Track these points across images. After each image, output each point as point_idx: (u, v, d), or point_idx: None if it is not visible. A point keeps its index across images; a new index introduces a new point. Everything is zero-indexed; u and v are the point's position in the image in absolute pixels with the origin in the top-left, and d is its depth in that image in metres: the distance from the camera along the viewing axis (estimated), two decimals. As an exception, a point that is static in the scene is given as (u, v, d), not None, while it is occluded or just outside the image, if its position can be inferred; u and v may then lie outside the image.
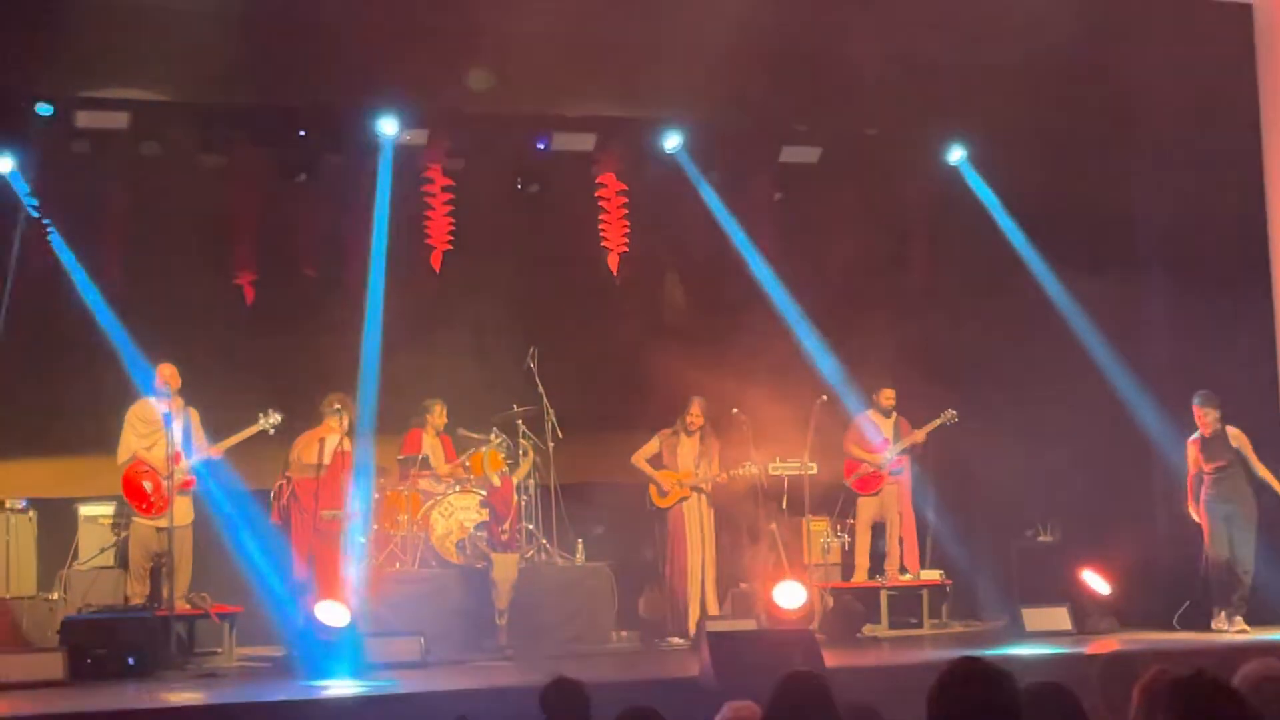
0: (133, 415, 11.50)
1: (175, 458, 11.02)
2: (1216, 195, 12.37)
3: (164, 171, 12.36)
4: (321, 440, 11.54)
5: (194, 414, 11.38)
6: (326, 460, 11.44)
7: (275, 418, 11.50)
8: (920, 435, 13.01)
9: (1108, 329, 12.85)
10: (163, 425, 11.23)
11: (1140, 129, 12.72)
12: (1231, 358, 12.00)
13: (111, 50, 10.90)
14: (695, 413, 12.43)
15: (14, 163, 11.76)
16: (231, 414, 11.61)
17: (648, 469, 12.50)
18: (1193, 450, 11.88)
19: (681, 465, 12.44)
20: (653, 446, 12.55)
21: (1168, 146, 12.64)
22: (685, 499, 12.38)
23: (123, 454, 11.42)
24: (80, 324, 12.10)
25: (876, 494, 13.10)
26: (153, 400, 11.46)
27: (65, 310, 12.04)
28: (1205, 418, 11.73)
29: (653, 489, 12.47)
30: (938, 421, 12.98)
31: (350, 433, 11.73)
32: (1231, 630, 11.47)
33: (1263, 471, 11.68)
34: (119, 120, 11.88)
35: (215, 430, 11.54)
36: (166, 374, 11.39)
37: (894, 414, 13.18)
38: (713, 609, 12.25)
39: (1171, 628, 11.81)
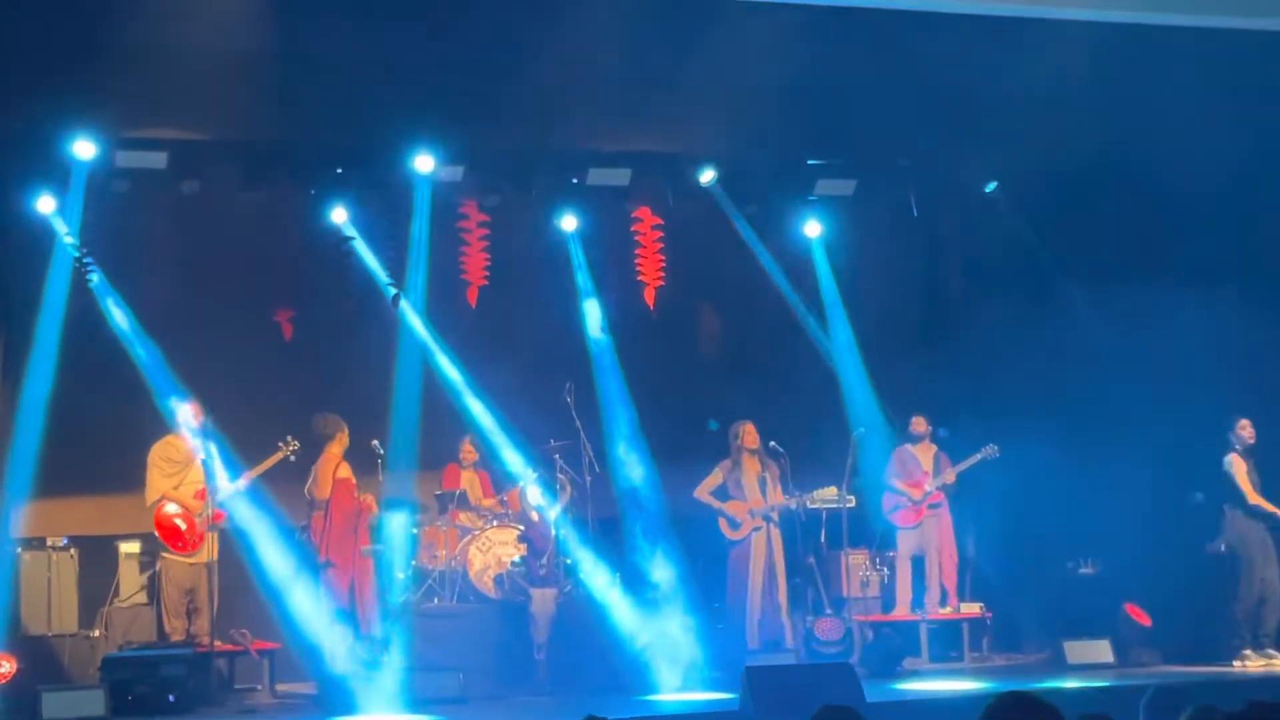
0: (156, 455, 11.55)
1: (199, 494, 11.08)
2: (1250, 215, 12.31)
3: (203, 210, 12.44)
4: (331, 469, 11.58)
5: (213, 449, 11.43)
6: (327, 494, 11.46)
7: (295, 444, 11.56)
8: (952, 475, 12.94)
9: (1149, 356, 12.79)
10: (189, 462, 11.31)
11: (1176, 154, 12.67)
12: (1268, 381, 11.94)
13: (150, 90, 10.97)
14: (750, 433, 12.37)
15: (56, 203, 11.86)
16: (271, 450, 11.65)
17: (715, 502, 12.43)
18: (1239, 462, 11.78)
19: (749, 493, 12.38)
20: (716, 478, 12.48)
21: (1203, 168, 12.58)
22: (758, 529, 12.32)
23: (151, 494, 11.48)
24: (120, 362, 12.17)
25: (916, 527, 13.03)
26: (175, 438, 11.51)
27: (105, 348, 12.11)
28: (1249, 429, 11.67)
29: (722, 522, 12.41)
30: (977, 457, 12.90)
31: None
32: (1269, 662, 11.36)
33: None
34: (158, 160, 11.94)
35: (251, 465, 11.58)
36: (188, 411, 11.44)
37: (930, 443, 13.10)
38: (788, 639, 12.13)
39: (1213, 660, 11.70)
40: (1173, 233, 13.00)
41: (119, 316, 12.07)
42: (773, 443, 12.39)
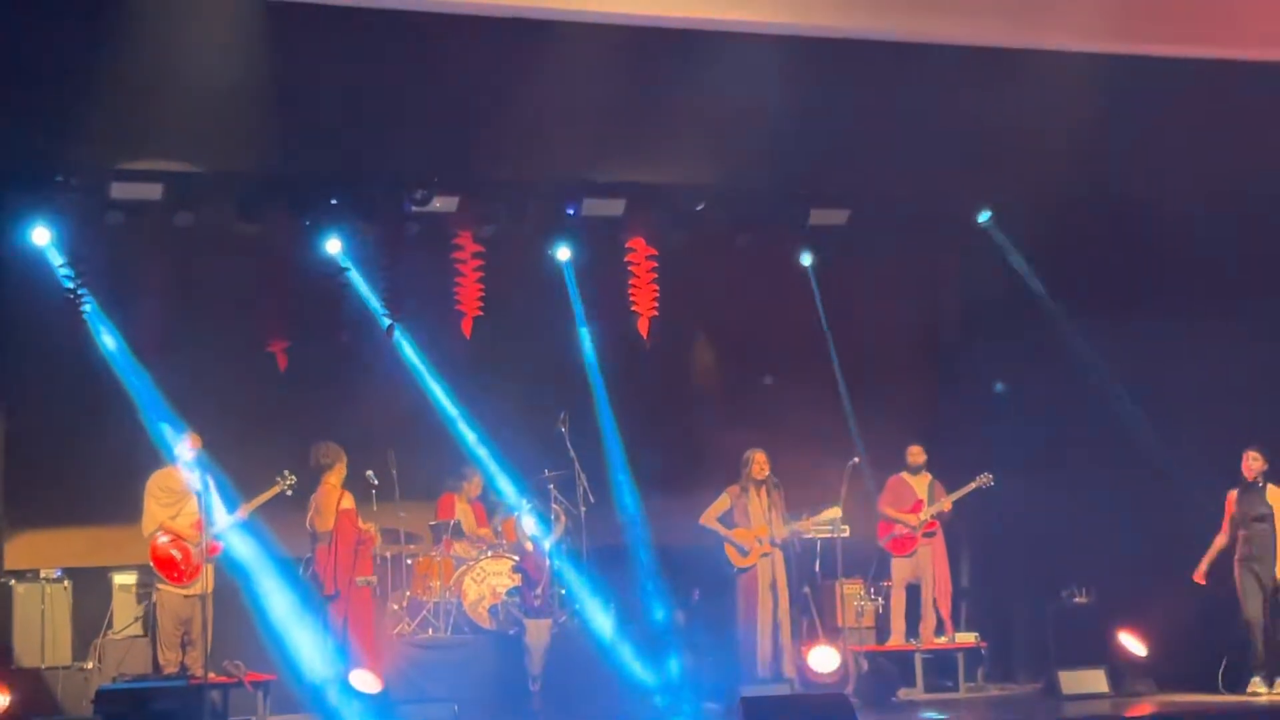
0: (154, 485, 11.53)
1: (196, 525, 11.08)
2: (1246, 246, 12.34)
3: (197, 241, 12.48)
4: (332, 500, 11.60)
5: (209, 480, 11.41)
6: (329, 526, 11.51)
7: (292, 479, 11.56)
8: (947, 504, 12.96)
9: (1142, 386, 12.82)
10: (185, 494, 11.31)
11: (1172, 186, 12.71)
12: (1264, 408, 11.94)
13: (144, 122, 10.99)
14: (761, 463, 12.37)
15: (51, 235, 11.87)
16: (267, 482, 11.65)
17: (721, 529, 12.40)
18: (1230, 501, 11.78)
19: (754, 521, 12.37)
20: (723, 504, 12.45)
21: (1201, 202, 12.62)
22: (766, 555, 12.32)
23: (148, 525, 11.46)
24: (113, 393, 12.18)
25: (911, 555, 13.04)
26: (173, 469, 11.51)
27: (98, 379, 12.12)
28: (1253, 463, 11.64)
29: (730, 549, 12.38)
30: (973, 485, 12.93)
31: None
32: (1271, 692, 11.35)
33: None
34: (153, 191, 11.96)
35: (247, 497, 11.58)
36: (186, 442, 11.45)
37: (926, 473, 13.13)
38: (789, 669, 12.12)
39: (1209, 689, 11.69)
40: (1166, 263, 13.04)
41: (113, 346, 12.08)
42: (770, 474, 12.39)
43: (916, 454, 13.16)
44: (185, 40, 10.42)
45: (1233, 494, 11.78)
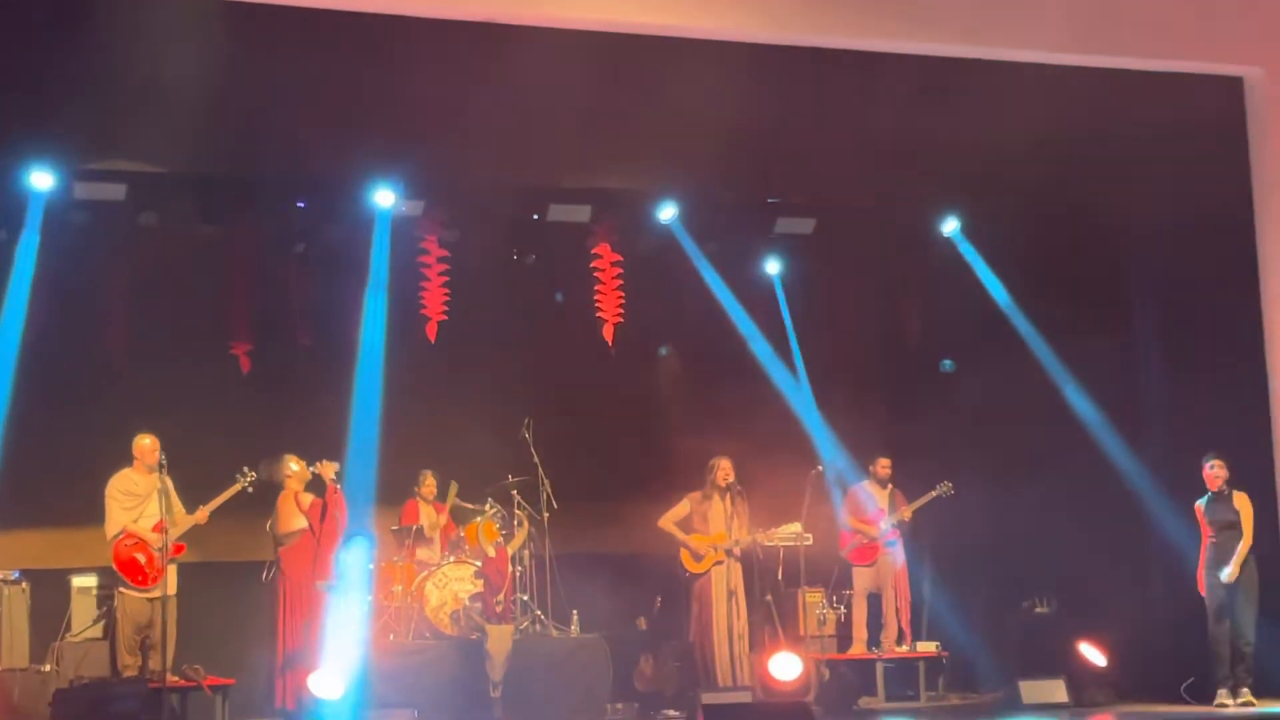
0: (115, 488, 11.46)
1: (157, 528, 11.01)
2: (1210, 260, 12.42)
3: (162, 242, 12.42)
4: (294, 503, 11.55)
5: (169, 482, 11.35)
6: (290, 528, 11.47)
7: (253, 475, 11.53)
8: (907, 512, 12.98)
9: (1103, 397, 12.88)
10: (147, 496, 11.25)
11: (1134, 197, 12.79)
12: (1227, 420, 11.99)
13: (109, 122, 10.95)
14: (725, 470, 12.35)
15: (11, 234, 11.80)
16: (227, 482, 11.60)
17: (678, 533, 12.39)
18: (1199, 511, 11.80)
19: (713, 528, 12.35)
20: (683, 509, 12.44)
21: (1161, 213, 12.71)
22: (720, 563, 12.31)
23: (111, 528, 11.39)
24: (74, 393, 12.11)
25: (872, 565, 13.05)
26: (133, 470, 11.45)
27: (59, 379, 12.05)
28: (1218, 472, 11.66)
29: (684, 554, 12.37)
30: (932, 494, 12.97)
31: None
32: (1236, 704, 11.38)
33: (1245, 543, 11.60)
34: (117, 192, 11.92)
35: (208, 499, 11.53)
36: (145, 445, 11.39)
37: (890, 485, 13.16)
38: (744, 677, 12.10)
39: (1170, 699, 11.73)
40: (1132, 273, 13.12)
41: (74, 348, 12.01)
42: (734, 481, 12.38)
43: (884, 466, 13.16)
44: (150, 41, 10.41)
45: (1199, 505, 11.80)
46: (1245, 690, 11.45)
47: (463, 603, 12.13)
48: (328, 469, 11.47)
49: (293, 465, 11.69)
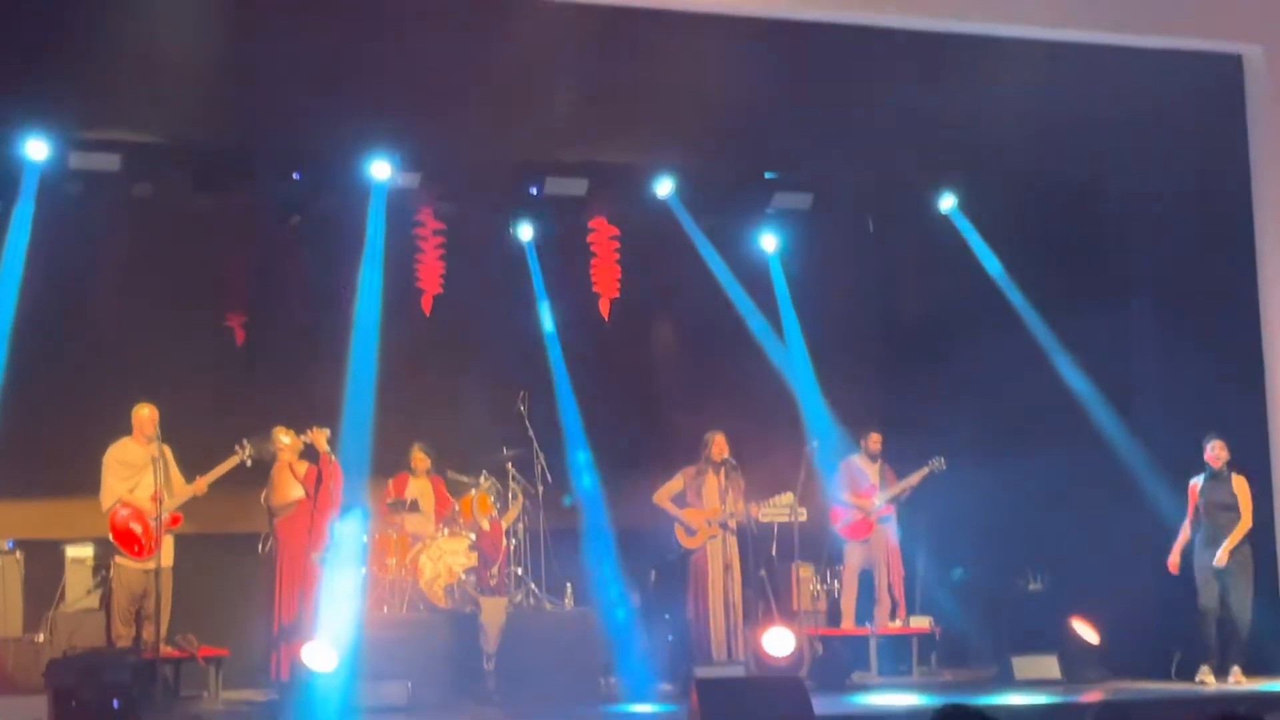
0: (111, 458, 11.45)
1: (153, 498, 11.01)
2: (1206, 237, 12.41)
3: (156, 213, 12.39)
4: (289, 473, 11.54)
5: (168, 452, 11.33)
6: (286, 499, 11.48)
7: (250, 449, 11.51)
8: (914, 480, 12.97)
9: (1098, 374, 12.88)
10: (144, 466, 11.23)
11: (1131, 174, 12.78)
12: (1221, 395, 12.00)
13: (104, 92, 10.92)
14: (720, 445, 12.35)
15: (6, 204, 11.77)
16: (222, 455, 11.59)
17: (672, 508, 12.39)
18: (1193, 490, 11.79)
19: (707, 502, 12.34)
20: (677, 484, 12.43)
21: (1158, 191, 12.70)
22: (714, 537, 12.32)
23: (107, 498, 11.38)
24: (70, 363, 12.10)
25: (865, 541, 13.04)
26: (130, 441, 11.44)
27: (54, 349, 12.04)
28: (1220, 452, 11.65)
29: (678, 529, 12.38)
30: (925, 470, 12.96)
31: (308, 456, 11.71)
32: (1228, 682, 11.39)
33: (1243, 526, 11.61)
34: (111, 162, 11.87)
35: (203, 471, 11.52)
36: (143, 415, 11.38)
37: (880, 460, 13.15)
38: (740, 652, 12.09)
39: (1162, 677, 11.75)
40: (1130, 250, 13.10)
41: (69, 318, 11.99)
42: (728, 457, 12.38)
43: (876, 442, 13.15)
44: (145, 10, 10.36)
45: (1195, 483, 11.79)
46: (1236, 669, 11.46)
47: (457, 576, 12.14)
48: (320, 436, 11.47)
49: (284, 438, 11.68)
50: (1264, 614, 11.71)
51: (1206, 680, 11.41)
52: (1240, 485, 11.66)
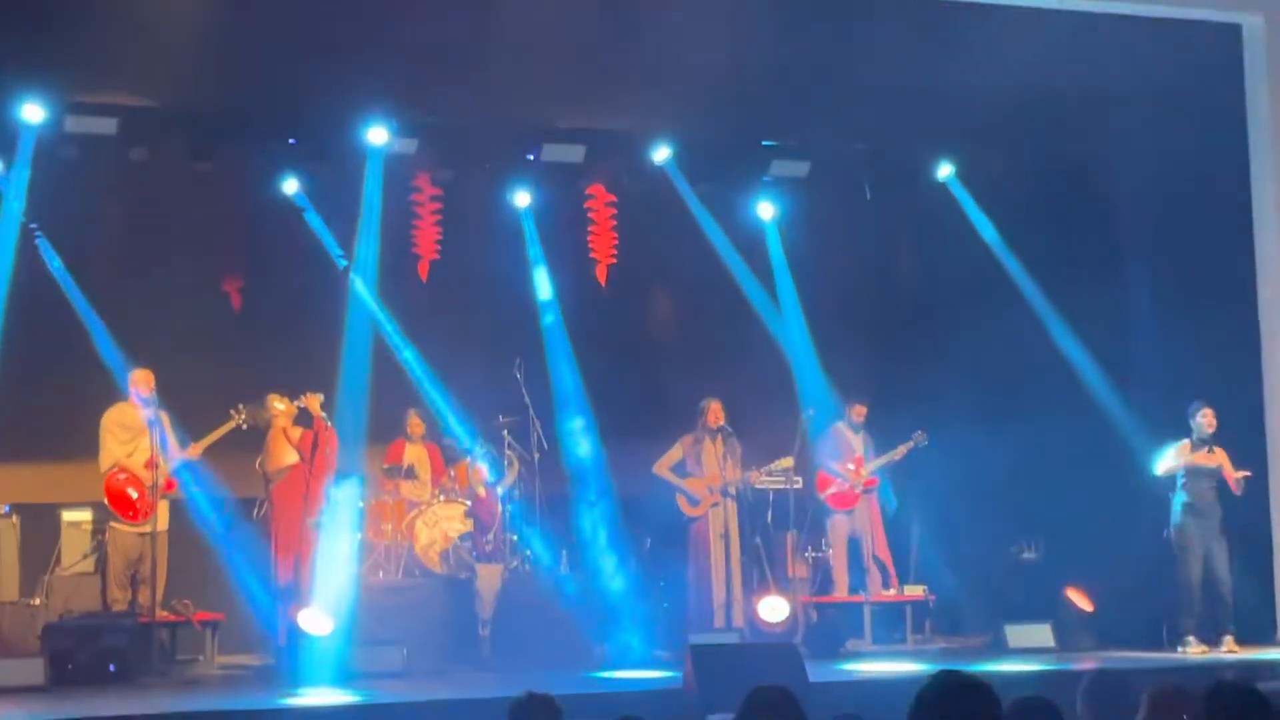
0: (110, 421, 11.44)
1: (149, 463, 11.01)
2: (1202, 205, 12.40)
3: (152, 178, 12.35)
4: (283, 439, 11.56)
5: (165, 417, 11.33)
6: (280, 465, 11.51)
7: (245, 413, 11.51)
8: (898, 454, 12.95)
9: (1093, 342, 12.89)
10: (141, 430, 11.23)
11: (1129, 144, 12.76)
12: (1217, 367, 12.01)
13: (100, 55, 10.88)
14: (716, 412, 12.34)
15: (3, 168, 11.74)
16: (220, 420, 11.59)
17: (674, 478, 12.39)
18: (1185, 450, 11.77)
19: (707, 470, 12.35)
20: (676, 454, 12.42)
21: (1156, 160, 12.69)
22: (716, 505, 12.33)
23: (105, 461, 11.38)
24: (66, 328, 12.09)
25: (851, 512, 12.98)
26: (128, 404, 11.43)
27: (51, 314, 12.02)
28: (1209, 420, 11.66)
29: (681, 499, 12.38)
30: (910, 444, 12.92)
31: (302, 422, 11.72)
32: (1219, 651, 11.42)
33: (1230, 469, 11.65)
34: (108, 126, 11.83)
35: (198, 436, 11.52)
36: (141, 379, 11.37)
37: (863, 431, 13.09)
38: (738, 619, 12.15)
39: (1154, 646, 11.79)
40: (1127, 220, 13.10)
41: (66, 283, 11.97)
42: (724, 423, 12.38)
43: (860, 413, 13.07)
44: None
45: (1185, 445, 11.77)
46: (1228, 638, 11.48)
47: (453, 542, 12.16)
48: (314, 401, 11.46)
49: (278, 404, 11.68)
50: (1251, 584, 11.74)
51: (1190, 649, 11.42)
52: (1221, 455, 11.69)
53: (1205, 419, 11.68)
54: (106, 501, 11.38)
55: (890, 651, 12.40)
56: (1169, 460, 11.75)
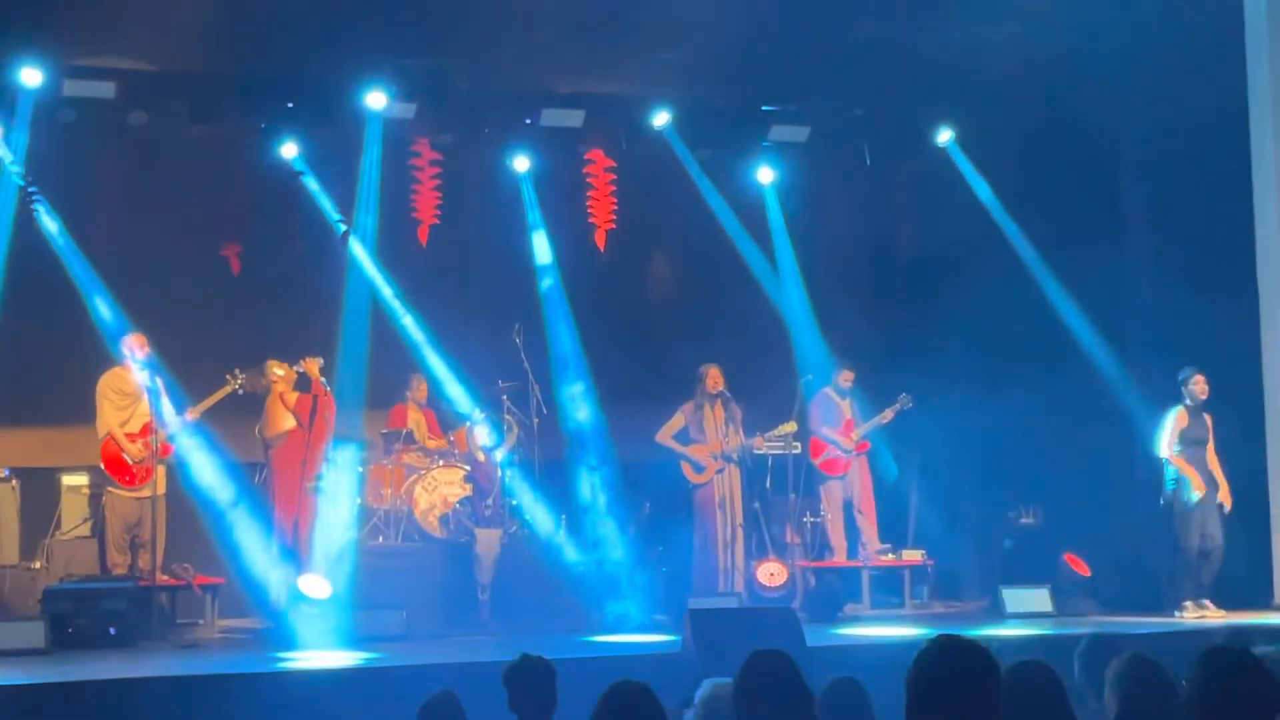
0: (106, 386, 11.42)
1: (144, 430, 11.00)
2: (1202, 169, 12.37)
3: (151, 142, 12.33)
4: (281, 405, 11.57)
5: (160, 382, 11.32)
6: (279, 430, 11.51)
7: (242, 378, 11.51)
8: (884, 418, 12.93)
9: (1092, 309, 12.88)
10: (137, 396, 11.23)
11: (1128, 106, 12.73)
12: (1215, 332, 12.00)
13: (99, 18, 10.84)
14: (715, 377, 12.34)
15: (2, 131, 11.71)
16: (218, 385, 11.59)
17: (677, 446, 12.40)
18: (1182, 417, 11.76)
19: (709, 437, 12.35)
20: (678, 421, 12.43)
21: (1155, 124, 12.65)
22: (720, 471, 12.35)
23: (102, 427, 11.37)
24: (65, 292, 12.08)
25: (844, 477, 12.99)
26: (124, 369, 11.42)
27: (50, 278, 12.01)
28: (1202, 387, 11.65)
29: (686, 466, 12.39)
30: (895, 407, 12.91)
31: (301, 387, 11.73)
32: (1203, 614, 11.43)
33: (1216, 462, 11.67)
34: (106, 89, 11.80)
35: (199, 399, 11.52)
36: (135, 342, 11.36)
37: (849, 398, 13.08)
38: (737, 584, 12.16)
39: (1152, 610, 11.81)
40: (1127, 185, 13.07)
41: (64, 247, 11.96)
42: (723, 389, 12.38)
43: (847, 379, 13.06)
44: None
45: (1182, 412, 11.76)
46: (1207, 601, 11.50)
47: (452, 506, 12.18)
48: (313, 366, 11.46)
49: (276, 370, 11.67)
50: (1242, 548, 11.76)
51: (1185, 613, 11.44)
52: (1209, 420, 11.70)
53: (1197, 385, 11.67)
54: (103, 466, 11.38)
55: (888, 616, 12.43)
56: (1167, 436, 11.74)
